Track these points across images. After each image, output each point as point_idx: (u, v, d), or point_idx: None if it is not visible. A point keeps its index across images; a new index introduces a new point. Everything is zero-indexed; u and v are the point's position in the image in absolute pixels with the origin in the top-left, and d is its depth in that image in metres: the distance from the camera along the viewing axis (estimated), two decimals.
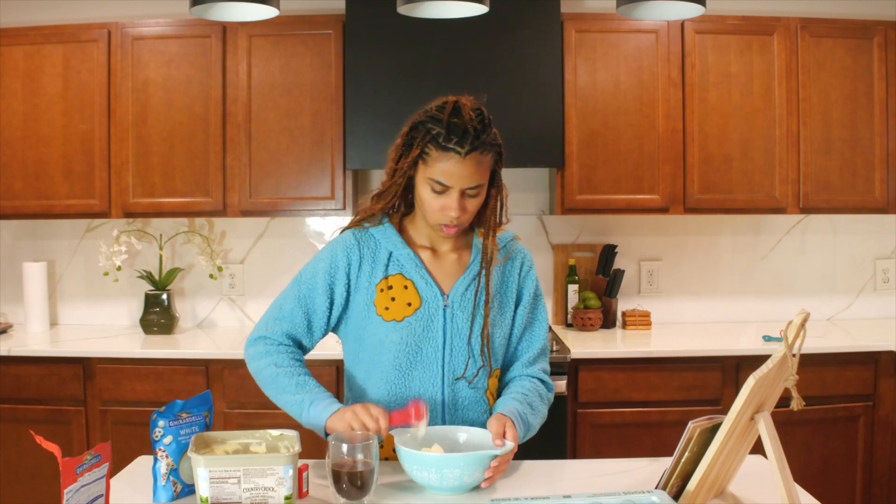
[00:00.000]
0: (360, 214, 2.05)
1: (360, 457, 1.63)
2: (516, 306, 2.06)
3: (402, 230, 2.05)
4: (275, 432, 1.75)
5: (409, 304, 1.96)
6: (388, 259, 1.99)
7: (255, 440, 1.74)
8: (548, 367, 2.10)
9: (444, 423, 1.97)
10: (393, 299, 1.96)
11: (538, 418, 1.99)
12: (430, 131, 1.86)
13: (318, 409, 1.86)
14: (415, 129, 1.90)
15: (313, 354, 2.16)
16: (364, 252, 1.99)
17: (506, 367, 2.09)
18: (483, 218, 2.00)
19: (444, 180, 1.86)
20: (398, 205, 2.03)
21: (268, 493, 1.58)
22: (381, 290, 1.97)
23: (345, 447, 1.63)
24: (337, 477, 1.63)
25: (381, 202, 2.00)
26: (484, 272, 1.99)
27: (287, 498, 1.60)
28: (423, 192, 1.91)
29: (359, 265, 1.99)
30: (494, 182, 1.96)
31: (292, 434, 1.76)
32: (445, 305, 1.97)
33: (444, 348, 1.96)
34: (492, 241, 1.99)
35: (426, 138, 1.86)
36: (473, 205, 1.92)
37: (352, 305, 2.01)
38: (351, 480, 1.63)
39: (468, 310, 1.98)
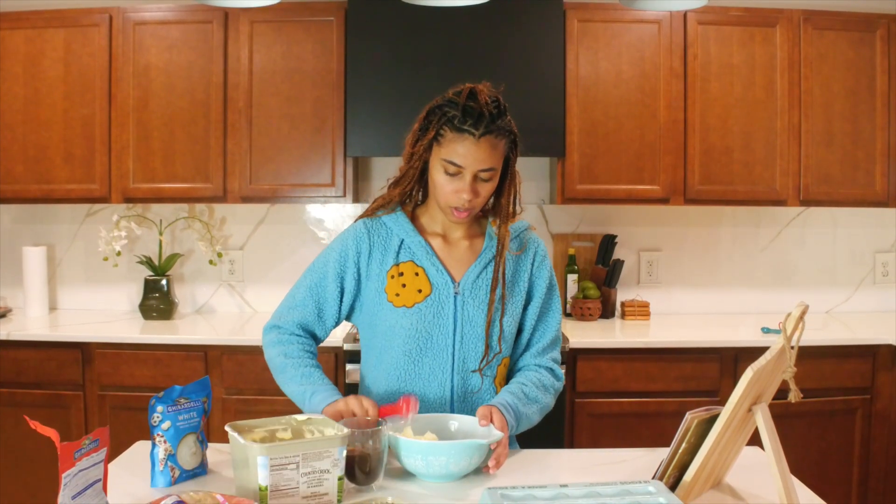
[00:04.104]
0: (378, 201, 2.06)
1: (368, 443, 1.65)
2: (529, 296, 2.06)
3: (414, 218, 2.06)
4: (300, 417, 1.75)
5: (420, 291, 1.97)
6: (400, 246, 2.01)
7: (280, 426, 1.74)
8: (558, 357, 2.10)
9: (453, 411, 1.98)
10: (404, 286, 1.97)
11: (535, 408, 1.98)
12: (445, 114, 1.89)
13: (317, 399, 1.89)
14: (431, 112, 1.93)
15: None
16: (374, 240, 2.01)
17: (517, 355, 2.09)
18: (498, 207, 2.01)
19: (458, 160, 1.87)
20: (415, 191, 2.04)
21: (323, 475, 1.58)
22: (392, 277, 1.98)
23: (354, 433, 1.64)
24: (346, 462, 1.64)
25: (399, 187, 2.01)
26: (498, 260, 1.99)
27: (340, 478, 1.60)
28: (437, 174, 1.92)
29: (369, 254, 2.00)
30: (508, 170, 1.97)
31: (319, 417, 1.76)
32: (456, 293, 1.98)
33: (454, 335, 1.97)
34: (505, 230, 1.99)
35: (442, 120, 1.89)
36: (486, 189, 1.93)
37: (364, 293, 2.02)
38: (360, 466, 1.66)
39: (479, 297, 1.98)
